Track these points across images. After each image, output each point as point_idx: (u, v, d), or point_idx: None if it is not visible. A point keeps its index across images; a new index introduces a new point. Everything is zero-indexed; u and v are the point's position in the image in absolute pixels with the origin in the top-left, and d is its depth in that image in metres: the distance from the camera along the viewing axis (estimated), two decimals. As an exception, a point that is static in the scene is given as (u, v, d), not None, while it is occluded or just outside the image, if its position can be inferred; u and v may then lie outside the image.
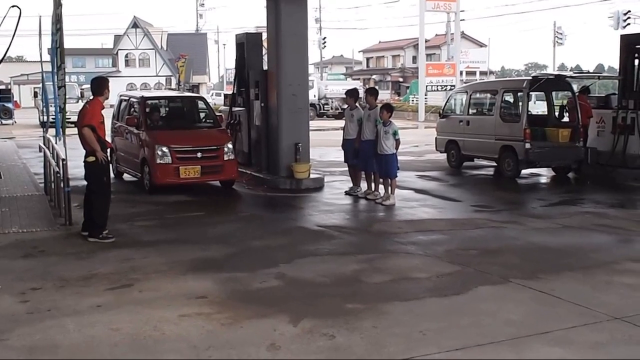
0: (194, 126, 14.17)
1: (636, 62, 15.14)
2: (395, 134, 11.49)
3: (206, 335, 5.46)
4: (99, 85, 9.21)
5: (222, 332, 5.55)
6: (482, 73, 50.32)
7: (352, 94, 12.71)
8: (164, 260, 7.83)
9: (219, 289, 6.73)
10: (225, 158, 12.66)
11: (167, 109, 15.08)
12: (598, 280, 7.10)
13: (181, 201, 11.93)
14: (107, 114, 9.64)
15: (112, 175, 13.30)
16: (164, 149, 12.18)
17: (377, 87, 52.51)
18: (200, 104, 15.06)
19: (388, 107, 11.86)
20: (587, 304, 6.19)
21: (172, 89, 19.69)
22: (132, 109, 14.08)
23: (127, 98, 14.83)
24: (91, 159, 8.89)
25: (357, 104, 12.60)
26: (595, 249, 8.61)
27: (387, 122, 11.53)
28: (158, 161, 12.16)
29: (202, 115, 14.86)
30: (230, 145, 12.90)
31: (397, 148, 11.61)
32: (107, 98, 9.23)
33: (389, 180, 11.68)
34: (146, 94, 16.23)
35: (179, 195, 12.23)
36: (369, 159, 11.87)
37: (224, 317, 5.87)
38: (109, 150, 9.25)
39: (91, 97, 9.29)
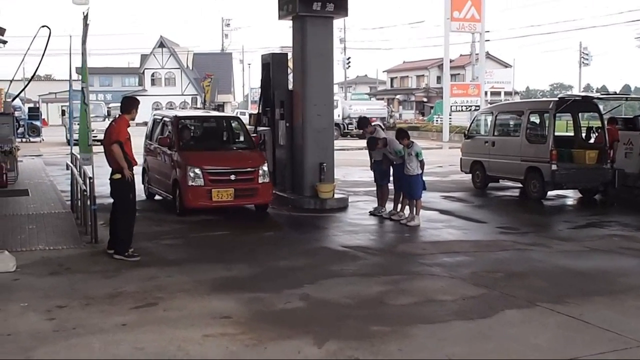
0: (228, 147, 13.73)
1: (664, 83, 14.96)
2: (418, 155, 11.45)
3: (230, 355, 5.45)
4: (129, 104, 9.33)
5: (246, 353, 5.53)
6: (506, 93, 50.00)
7: (363, 123, 13.17)
8: (188, 279, 7.84)
9: (243, 309, 6.71)
10: (260, 181, 12.20)
11: (200, 129, 14.66)
12: (628, 306, 6.99)
13: (206, 220, 11.95)
14: (139, 133, 9.70)
15: (143, 195, 13.46)
16: (197, 170, 11.75)
17: (399, 107, 52.05)
18: (235, 124, 14.71)
19: (402, 134, 11.78)
20: (616, 330, 6.09)
21: (198, 108, 19.84)
22: (165, 129, 13.69)
23: (160, 117, 14.45)
24: (117, 176, 8.97)
25: (375, 127, 12.67)
26: (623, 273, 8.47)
27: (409, 144, 11.52)
28: (190, 183, 11.73)
29: (236, 135, 14.48)
30: (265, 168, 12.41)
31: (422, 169, 11.57)
32: (133, 118, 9.30)
33: (414, 201, 11.63)
34: (179, 113, 15.60)
35: (204, 214, 12.26)
36: (402, 179, 11.81)
37: (248, 337, 5.85)
38: (134, 167, 9.31)
39: (117, 115, 9.41)
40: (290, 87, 15.04)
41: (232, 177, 11.99)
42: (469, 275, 8.23)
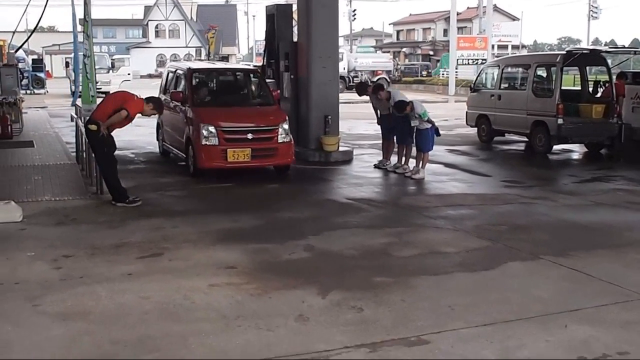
0: (245, 103, 12.68)
1: (674, 36, 14.77)
2: (422, 116, 11.34)
3: (235, 305, 5.51)
4: (153, 99, 9.70)
5: (251, 302, 5.58)
6: (514, 47, 49.55)
7: (361, 89, 13.20)
8: (193, 230, 7.90)
9: (248, 260, 6.77)
10: (280, 140, 11.27)
11: (216, 83, 13.54)
12: (630, 259, 7.01)
13: (210, 172, 11.96)
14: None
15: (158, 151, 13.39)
16: (211, 128, 10.86)
17: (405, 60, 52.00)
18: (253, 78, 13.55)
19: (401, 105, 11.55)
20: (618, 282, 6.12)
21: (202, 61, 19.64)
22: (179, 82, 12.79)
23: (174, 70, 13.54)
24: (93, 127, 9.15)
25: (389, 92, 12.56)
26: (628, 227, 8.49)
27: (411, 108, 11.41)
28: (203, 142, 10.86)
29: (254, 90, 13.26)
30: (286, 126, 11.43)
31: (432, 122, 11.50)
32: (146, 113, 9.53)
33: (421, 154, 11.61)
34: (193, 65, 14.37)
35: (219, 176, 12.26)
36: (405, 131, 11.78)
37: (253, 287, 5.91)
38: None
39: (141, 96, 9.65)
40: (295, 39, 14.91)
41: (250, 135, 11.11)
42: (472, 227, 8.26)
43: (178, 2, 74.93)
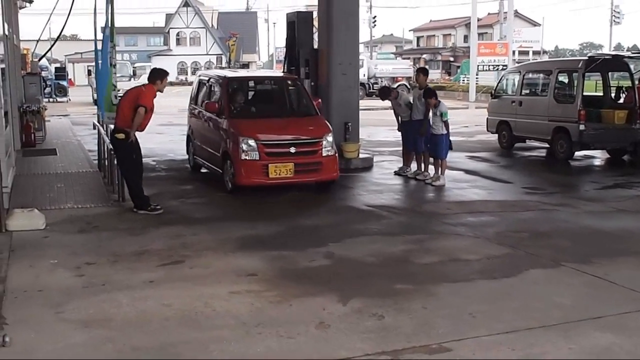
0: (286, 114, 11.72)
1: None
2: (443, 115, 11.36)
3: (256, 312, 5.52)
4: (156, 74, 9.44)
5: (271, 309, 5.60)
6: (535, 53, 49.22)
7: (384, 93, 12.99)
8: (214, 238, 7.93)
9: (268, 267, 6.78)
10: (324, 153, 10.50)
11: (254, 92, 12.62)
12: (654, 266, 6.94)
13: (250, 189, 12.00)
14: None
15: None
16: (250, 142, 10.10)
17: (427, 67, 52.03)
18: (293, 87, 12.54)
19: (430, 94, 11.59)
20: (642, 290, 6.07)
21: (223, 68, 19.74)
22: (213, 92, 11.94)
23: (206, 78, 12.76)
24: (121, 135, 9.14)
25: (397, 92, 12.62)
26: (651, 234, 8.41)
27: (436, 104, 11.44)
28: (242, 157, 10.09)
29: (295, 100, 12.38)
30: (330, 138, 10.66)
31: (447, 129, 11.49)
32: (160, 90, 9.36)
33: (439, 160, 11.59)
34: (230, 73, 13.71)
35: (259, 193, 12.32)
36: (418, 139, 11.82)
37: (273, 294, 5.92)
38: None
39: (146, 83, 9.51)
40: (316, 46, 14.95)
41: (292, 149, 10.30)
42: (493, 235, 8.22)
43: (199, 10, 75.44)
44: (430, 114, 11.48)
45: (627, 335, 5.08)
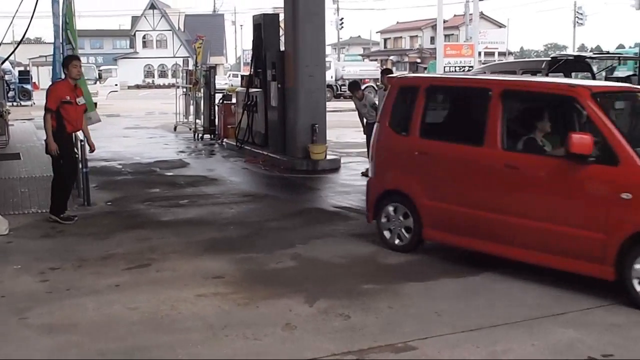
0: None
1: (657, 42, 14.96)
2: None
3: (222, 314, 5.52)
4: (62, 63, 8.93)
5: (238, 311, 5.60)
6: (500, 54, 49.80)
7: (354, 87, 12.86)
8: (180, 241, 7.90)
9: (235, 269, 6.78)
10: None
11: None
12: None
13: (198, 181, 11.99)
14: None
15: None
16: None
17: (392, 68, 52.01)
18: None
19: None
20: (602, 286, 6.16)
21: (190, 71, 19.57)
22: (490, 108, 6.62)
23: (453, 85, 7.96)
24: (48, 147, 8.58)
25: (363, 93, 12.63)
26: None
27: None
28: None
29: None
30: None
31: None
32: (74, 77, 8.66)
33: None
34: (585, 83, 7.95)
35: (195, 175, 12.30)
36: None
37: (240, 297, 5.92)
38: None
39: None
40: (282, 48, 14.97)
41: None
42: (459, 234, 8.29)
43: (165, 13, 74.91)
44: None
45: (589, 331, 5.18)
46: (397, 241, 7.39)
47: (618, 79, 16.75)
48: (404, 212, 7.31)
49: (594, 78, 15.47)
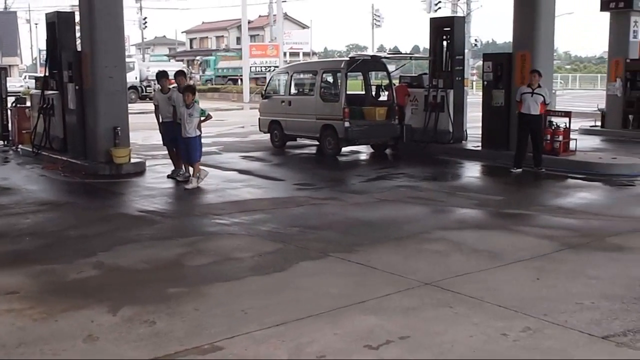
0: None
1: (444, 43, 16.10)
2: (202, 113, 11.38)
3: (17, 332, 5.17)
4: None
5: (35, 327, 5.28)
6: (305, 54, 51.21)
7: (162, 75, 12.61)
8: (-31, 256, 7.31)
9: (32, 283, 6.39)
10: None
11: None
12: (410, 250, 7.52)
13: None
14: None
15: None
16: None
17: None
18: None
19: (191, 89, 11.61)
20: (399, 272, 6.54)
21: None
22: None
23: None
24: None
25: (169, 88, 12.35)
26: (408, 221, 9.11)
27: (190, 104, 11.30)
28: None
29: None
30: None
31: (206, 120, 11.58)
32: None
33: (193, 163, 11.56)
34: None
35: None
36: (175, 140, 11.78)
37: (37, 312, 5.58)
38: None
39: None
40: (79, 48, 14.33)
41: None
42: (266, 231, 8.42)
43: (-52, 10, 69.04)
44: (186, 116, 11.28)
45: (388, 316, 5.46)
46: None
47: (412, 77, 17.81)
48: None
49: (389, 76, 16.37)
